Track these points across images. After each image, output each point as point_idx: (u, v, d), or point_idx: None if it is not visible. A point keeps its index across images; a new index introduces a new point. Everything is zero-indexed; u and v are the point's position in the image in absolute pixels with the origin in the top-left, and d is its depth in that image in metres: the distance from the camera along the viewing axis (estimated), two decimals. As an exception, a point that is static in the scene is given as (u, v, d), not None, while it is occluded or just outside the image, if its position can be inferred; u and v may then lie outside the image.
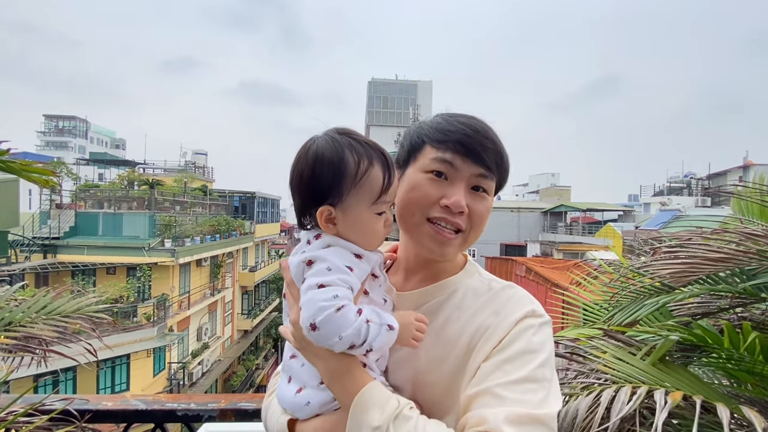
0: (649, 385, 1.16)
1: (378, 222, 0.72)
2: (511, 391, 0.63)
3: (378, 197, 0.70)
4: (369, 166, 0.69)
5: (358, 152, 0.69)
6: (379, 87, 53.00)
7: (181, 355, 15.88)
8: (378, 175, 0.70)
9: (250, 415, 1.29)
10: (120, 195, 16.71)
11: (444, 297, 0.78)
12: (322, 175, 0.69)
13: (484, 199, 0.75)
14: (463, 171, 0.73)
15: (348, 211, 0.70)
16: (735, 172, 26.85)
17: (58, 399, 1.30)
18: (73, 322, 1.85)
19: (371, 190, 0.70)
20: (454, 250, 0.75)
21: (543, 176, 53.72)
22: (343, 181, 0.69)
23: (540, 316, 0.72)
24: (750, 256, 1.27)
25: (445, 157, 0.73)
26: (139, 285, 14.65)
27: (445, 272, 0.81)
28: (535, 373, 0.65)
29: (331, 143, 0.70)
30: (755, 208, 1.56)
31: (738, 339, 1.20)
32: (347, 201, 0.69)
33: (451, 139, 0.73)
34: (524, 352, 0.67)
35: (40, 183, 1.78)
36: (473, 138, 0.73)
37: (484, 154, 0.73)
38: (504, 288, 0.77)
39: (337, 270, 0.67)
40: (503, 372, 0.65)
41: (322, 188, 0.69)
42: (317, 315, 0.63)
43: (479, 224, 0.75)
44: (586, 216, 28.90)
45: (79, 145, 52.09)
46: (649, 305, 1.40)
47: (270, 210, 27.45)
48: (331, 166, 0.68)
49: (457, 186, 0.73)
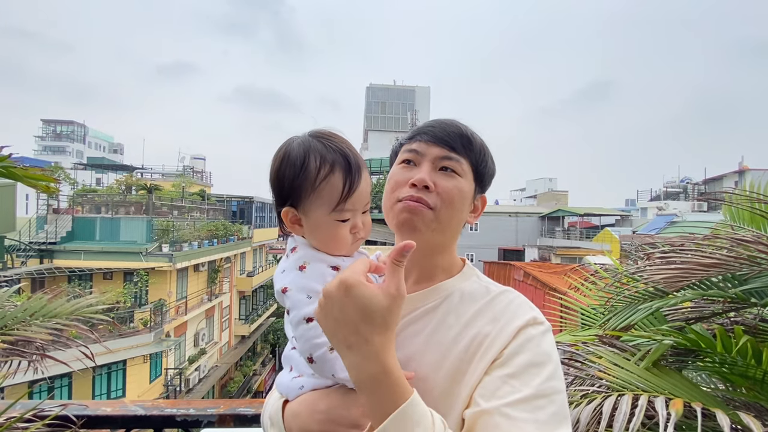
0: (649, 392, 1.17)
1: (341, 228, 0.71)
2: (521, 411, 0.61)
3: (336, 204, 0.69)
4: (329, 173, 0.69)
5: (322, 157, 0.69)
6: (378, 92, 53.29)
7: (177, 360, 15.75)
8: (337, 183, 0.69)
9: (250, 421, 1.29)
10: (117, 200, 16.67)
11: (439, 301, 0.76)
12: (284, 176, 0.70)
13: (453, 177, 0.77)
14: (427, 154, 0.78)
15: (308, 215, 0.71)
16: (731, 176, 27.04)
17: (56, 404, 1.31)
18: (70, 326, 1.84)
19: (330, 196, 0.69)
20: (424, 223, 0.74)
21: (540, 181, 53.91)
22: (303, 184, 0.69)
23: (541, 323, 0.71)
24: (741, 261, 1.30)
25: (412, 146, 0.80)
26: (136, 290, 14.57)
27: (441, 274, 0.80)
28: (543, 388, 0.63)
29: (301, 145, 0.71)
30: (745, 214, 1.58)
31: (730, 343, 1.21)
32: (306, 205, 0.70)
33: (418, 132, 0.81)
34: (530, 365, 0.65)
35: (42, 189, 1.79)
36: (436, 126, 0.80)
37: (447, 137, 0.78)
38: (502, 293, 0.76)
39: (317, 294, 0.63)
40: (511, 388, 0.63)
41: (284, 189, 0.71)
42: (313, 351, 0.65)
43: (450, 201, 0.76)
44: (583, 221, 28.99)
45: (77, 150, 52.04)
46: (644, 310, 1.41)
47: (268, 214, 27.40)
48: (293, 168, 0.69)
49: (423, 167, 0.77)
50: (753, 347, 1.19)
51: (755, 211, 1.50)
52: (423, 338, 0.73)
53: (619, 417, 1.07)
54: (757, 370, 1.25)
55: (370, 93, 53.45)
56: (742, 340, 1.15)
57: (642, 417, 1.04)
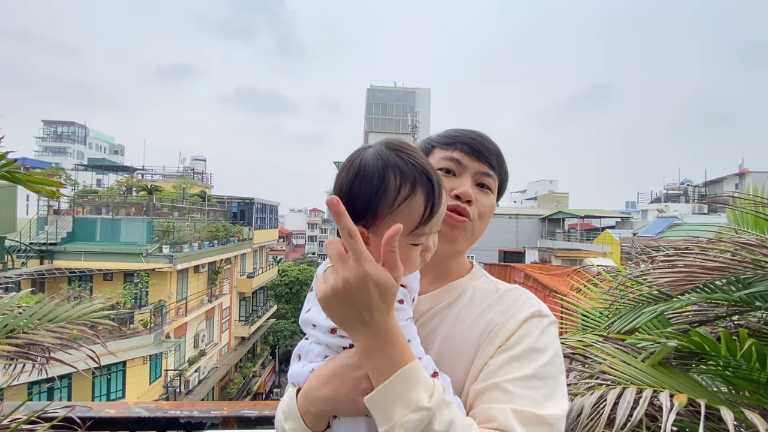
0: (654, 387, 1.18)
1: (412, 251, 0.65)
2: (517, 387, 0.65)
3: (415, 228, 0.63)
4: (410, 194, 0.62)
5: (403, 175, 0.62)
6: (378, 94, 53.37)
7: (177, 362, 15.74)
8: (419, 205, 0.62)
9: (253, 423, 1.29)
10: (118, 201, 16.69)
11: (454, 298, 0.82)
12: (359, 193, 0.63)
13: (488, 195, 0.83)
14: (469, 167, 0.82)
15: (381, 236, 0.60)
16: (731, 179, 27.05)
17: (60, 406, 1.31)
18: (72, 328, 1.85)
19: (409, 219, 0.62)
20: (463, 235, 0.80)
21: (541, 183, 53.99)
22: (380, 204, 0.62)
23: (546, 316, 0.75)
24: (745, 265, 1.30)
25: (453, 155, 0.82)
26: (136, 291, 14.56)
27: (453, 274, 0.85)
28: (541, 371, 0.67)
29: (377, 159, 0.64)
30: (749, 218, 1.59)
31: (735, 346, 1.21)
32: (381, 227, 0.62)
33: (458, 141, 0.83)
34: (531, 350, 0.69)
35: (46, 194, 1.79)
36: (477, 140, 0.83)
37: (487, 153, 0.82)
38: (510, 289, 0.81)
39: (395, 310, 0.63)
40: (511, 368, 0.68)
41: (357, 206, 0.63)
42: None
43: (485, 217, 0.82)
44: (584, 223, 28.98)
45: (78, 151, 52.09)
46: (648, 313, 1.42)
47: (269, 216, 27.42)
48: (369, 185, 0.62)
49: (465, 179, 0.81)
50: (757, 350, 1.19)
51: (759, 214, 1.50)
52: (443, 333, 0.78)
53: (623, 405, 1.08)
54: (761, 374, 1.25)
55: (370, 95, 53.53)
56: (747, 344, 1.15)
57: (645, 407, 1.05)
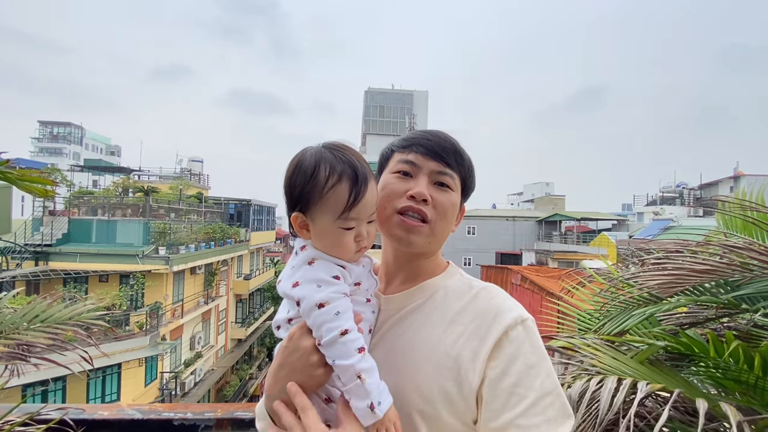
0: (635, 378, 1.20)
1: (345, 236, 0.74)
2: (530, 417, 0.66)
3: (341, 212, 0.72)
4: (336, 182, 0.72)
5: (331, 167, 0.73)
6: (376, 96, 53.38)
7: (173, 364, 15.64)
8: (343, 192, 0.72)
9: (247, 425, 1.29)
10: (114, 202, 16.59)
11: (425, 299, 0.81)
12: (296, 183, 0.74)
13: (447, 192, 0.82)
14: (424, 167, 0.81)
15: (315, 221, 0.74)
16: (726, 182, 27.25)
17: (54, 408, 1.31)
18: (65, 329, 1.84)
19: (335, 204, 0.72)
20: (421, 238, 0.79)
21: (537, 185, 54.14)
22: (312, 191, 0.73)
23: (524, 320, 0.73)
24: (733, 268, 1.32)
25: (408, 158, 0.82)
26: (132, 293, 14.48)
27: (426, 274, 0.84)
28: (546, 386, 0.68)
29: (313, 155, 0.75)
30: (738, 221, 1.61)
31: (722, 348, 1.23)
32: (314, 212, 0.74)
33: (413, 143, 0.83)
34: (528, 368, 0.69)
35: (39, 193, 1.78)
36: (432, 140, 0.83)
37: (442, 152, 0.82)
38: (483, 288, 0.80)
39: (326, 283, 0.71)
40: (517, 398, 0.67)
41: (294, 195, 0.75)
42: (323, 335, 0.69)
43: (444, 215, 0.81)
44: (580, 225, 29.09)
45: (74, 152, 51.79)
46: (638, 315, 1.43)
47: (266, 218, 27.36)
48: (304, 175, 0.73)
49: (420, 179, 0.81)
50: (745, 352, 1.21)
51: (747, 218, 1.52)
52: (410, 335, 0.77)
53: (604, 393, 1.10)
54: (749, 375, 1.27)
55: (368, 97, 53.52)
56: (733, 345, 1.17)
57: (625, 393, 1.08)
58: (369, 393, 0.66)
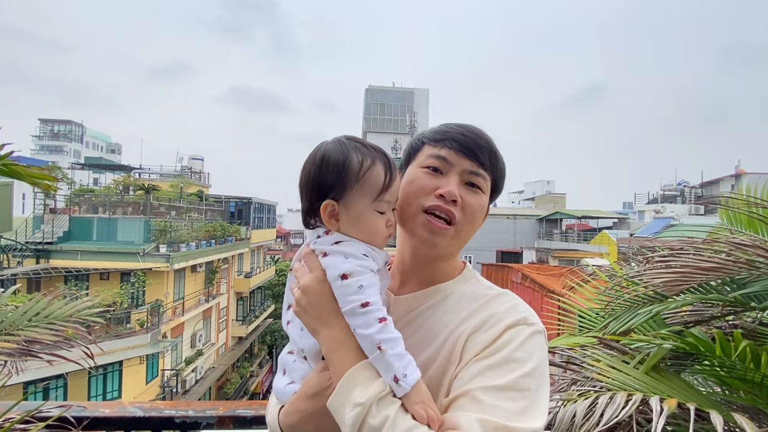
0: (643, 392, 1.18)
1: (379, 220, 0.75)
2: (489, 396, 0.61)
3: (379, 194, 0.73)
4: (372, 164, 0.73)
5: (362, 153, 0.74)
6: (376, 94, 53.30)
7: (174, 362, 15.67)
8: (380, 173, 0.73)
9: (249, 423, 1.29)
10: (115, 200, 16.59)
11: (437, 301, 0.78)
12: (327, 173, 0.73)
13: (478, 194, 0.78)
14: (456, 165, 0.77)
15: (350, 206, 0.73)
16: (727, 180, 27.20)
17: (55, 406, 1.30)
18: (66, 327, 1.83)
19: (373, 186, 0.73)
20: (445, 241, 0.76)
21: (538, 183, 54.10)
22: (347, 177, 0.72)
23: (531, 324, 0.70)
24: (739, 265, 1.30)
25: (441, 153, 0.77)
26: (132, 291, 14.49)
27: (441, 277, 0.81)
28: (518, 382, 0.63)
29: (338, 145, 0.75)
30: (743, 218, 1.59)
31: (729, 347, 1.22)
32: (350, 196, 0.73)
33: (446, 138, 0.78)
34: (510, 360, 0.65)
35: (43, 188, 1.79)
36: (467, 136, 0.77)
37: (477, 150, 0.77)
38: (499, 295, 0.77)
39: (354, 257, 0.71)
40: (485, 377, 0.64)
41: (326, 185, 0.73)
42: (345, 306, 0.69)
43: (472, 218, 0.77)
44: (581, 223, 29.06)
45: (75, 150, 51.75)
46: (643, 314, 1.42)
47: (266, 216, 27.35)
48: (336, 164, 0.73)
49: (451, 178, 0.76)
50: (752, 351, 1.20)
51: (753, 215, 1.51)
52: (421, 335, 0.75)
53: (610, 410, 1.08)
54: (755, 374, 1.26)
55: (369, 95, 53.44)
56: (742, 345, 1.16)
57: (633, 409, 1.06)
58: (391, 365, 0.63)
